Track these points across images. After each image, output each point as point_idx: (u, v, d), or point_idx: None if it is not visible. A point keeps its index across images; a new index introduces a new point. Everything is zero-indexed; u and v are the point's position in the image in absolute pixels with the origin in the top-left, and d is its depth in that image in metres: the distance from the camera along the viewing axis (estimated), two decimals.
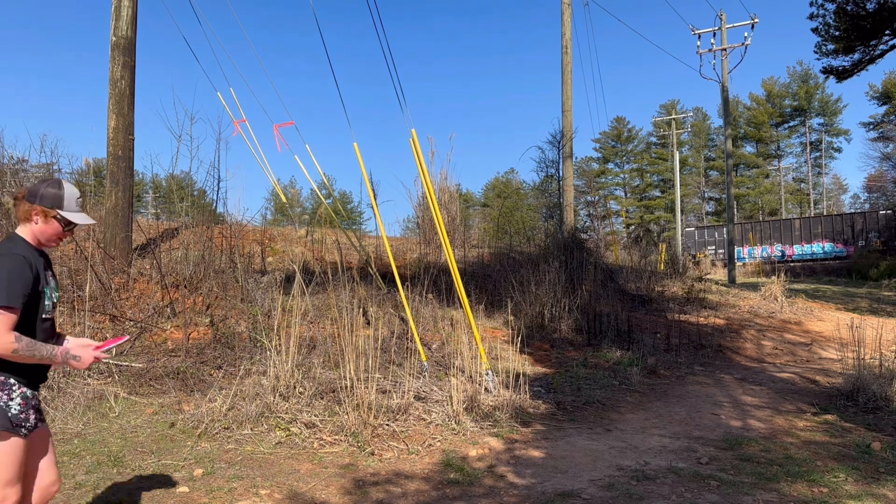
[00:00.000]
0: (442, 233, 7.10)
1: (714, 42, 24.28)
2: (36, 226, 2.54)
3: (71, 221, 2.57)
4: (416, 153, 6.79)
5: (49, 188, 2.54)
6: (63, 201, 2.55)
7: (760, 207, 61.08)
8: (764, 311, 13.64)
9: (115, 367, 6.45)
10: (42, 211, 2.52)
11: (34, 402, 2.54)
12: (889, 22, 18.27)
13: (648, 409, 6.60)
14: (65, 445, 4.80)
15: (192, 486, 4.13)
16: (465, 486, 4.27)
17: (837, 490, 4.13)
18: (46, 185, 2.56)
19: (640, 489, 4.16)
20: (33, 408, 2.53)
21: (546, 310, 10.06)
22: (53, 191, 2.54)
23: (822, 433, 5.56)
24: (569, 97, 15.67)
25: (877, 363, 7.29)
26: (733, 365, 9.40)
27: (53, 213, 2.53)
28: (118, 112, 9.14)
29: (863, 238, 31.75)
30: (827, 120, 60.58)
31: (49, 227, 2.54)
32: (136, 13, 9.40)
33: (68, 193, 2.56)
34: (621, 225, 67.11)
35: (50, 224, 2.54)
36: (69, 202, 2.57)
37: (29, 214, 2.53)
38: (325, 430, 5.16)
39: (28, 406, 2.50)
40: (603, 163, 69.86)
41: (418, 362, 6.69)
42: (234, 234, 9.84)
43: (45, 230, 2.55)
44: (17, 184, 9.94)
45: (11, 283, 2.35)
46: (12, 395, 2.45)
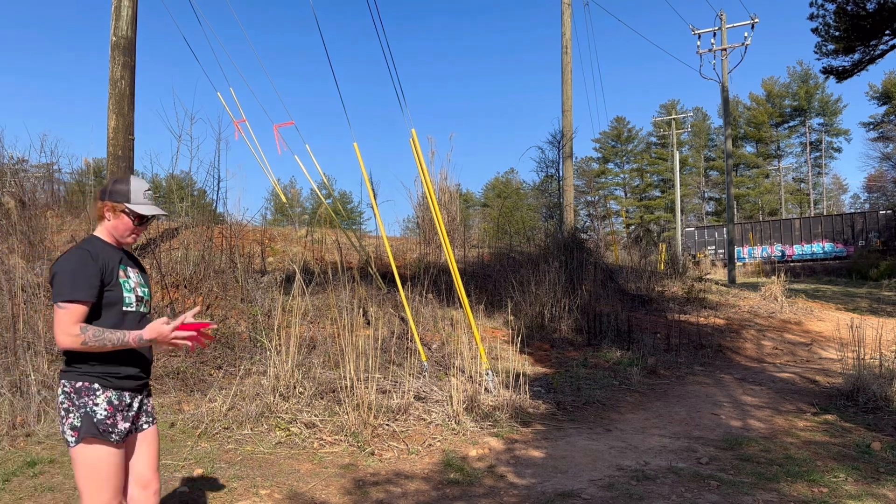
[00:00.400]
0: (442, 233, 7.10)
1: (714, 42, 24.29)
2: (108, 222, 2.56)
3: (140, 214, 2.57)
4: (416, 153, 6.79)
5: (117, 184, 2.57)
6: (130, 195, 2.55)
7: (760, 207, 61.08)
8: (764, 311, 13.64)
9: None
10: (111, 206, 2.55)
11: (124, 406, 2.48)
12: (889, 22, 18.27)
13: (648, 409, 6.60)
14: (65, 445, 4.80)
15: (192, 486, 4.13)
16: (465, 486, 4.27)
17: (837, 490, 4.12)
18: (115, 181, 2.59)
19: (640, 489, 4.16)
20: (123, 411, 2.48)
21: (546, 310, 10.06)
22: (121, 186, 2.56)
23: (822, 433, 5.56)
24: (569, 97, 15.67)
25: (877, 363, 7.29)
26: (733, 365, 9.40)
27: (121, 208, 2.54)
28: (118, 112, 9.14)
29: (863, 238, 31.75)
30: (827, 120, 60.59)
31: (120, 221, 2.55)
32: (136, 13, 9.41)
33: (135, 187, 2.57)
34: (621, 225, 67.11)
35: (120, 219, 2.55)
36: (136, 195, 2.56)
37: (101, 212, 2.57)
38: (325, 430, 5.16)
39: (116, 410, 2.45)
40: (603, 163, 69.86)
41: (418, 362, 6.69)
42: (234, 234, 9.84)
43: (116, 225, 2.56)
44: (17, 184, 9.94)
45: (75, 276, 2.35)
46: (97, 400, 2.42)
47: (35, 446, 4.77)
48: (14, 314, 5.91)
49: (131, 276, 2.60)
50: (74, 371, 2.43)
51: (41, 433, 4.99)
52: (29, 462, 4.41)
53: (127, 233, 2.58)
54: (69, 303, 2.32)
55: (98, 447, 2.40)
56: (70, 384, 2.43)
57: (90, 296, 2.37)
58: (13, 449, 4.70)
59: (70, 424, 2.41)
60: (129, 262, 2.66)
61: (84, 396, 2.42)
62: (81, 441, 2.40)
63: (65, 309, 2.32)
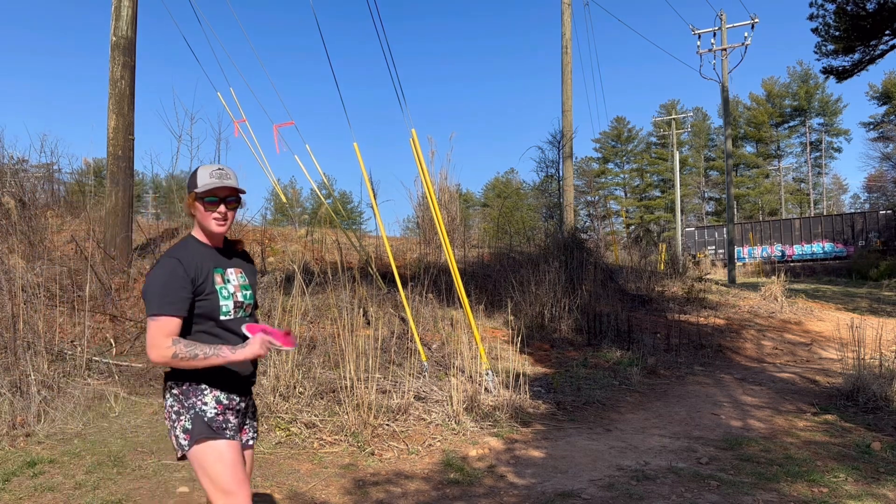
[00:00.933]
0: (442, 233, 7.10)
1: (714, 42, 24.29)
2: (196, 217, 2.40)
3: (205, 193, 2.33)
4: (416, 153, 6.79)
5: (191, 175, 2.39)
6: (198, 180, 2.34)
7: (760, 207, 61.08)
8: (764, 311, 13.64)
9: (115, 367, 6.45)
10: (190, 200, 2.38)
11: (232, 407, 2.38)
12: (889, 22, 18.27)
13: (648, 409, 6.60)
14: (65, 445, 4.80)
15: (192, 486, 4.13)
16: (465, 486, 4.27)
17: (837, 490, 4.13)
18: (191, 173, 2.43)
19: (640, 489, 4.16)
20: (233, 409, 2.38)
21: (546, 310, 10.06)
22: (192, 176, 2.38)
23: (822, 433, 5.56)
24: (569, 97, 15.67)
25: (877, 363, 7.29)
26: (733, 365, 9.40)
27: (193, 196, 2.36)
28: (118, 112, 9.14)
29: (863, 238, 31.74)
30: (827, 120, 60.58)
31: (198, 212, 2.37)
32: (136, 13, 9.40)
33: (202, 171, 2.36)
34: (621, 225, 67.11)
35: (197, 209, 2.36)
36: (203, 178, 2.34)
37: (188, 210, 2.42)
38: (325, 430, 5.16)
39: (225, 409, 2.35)
40: (603, 163, 69.86)
41: (418, 362, 6.69)
42: (233, 234, 9.84)
43: (200, 218, 2.38)
44: (17, 184, 9.94)
45: (165, 289, 2.23)
46: (205, 399, 2.32)
47: (35, 446, 4.77)
48: (14, 314, 5.91)
49: (231, 279, 2.41)
50: (180, 372, 2.33)
51: (41, 433, 4.99)
52: (29, 462, 4.41)
53: (209, 221, 2.36)
54: (158, 316, 2.21)
55: (215, 444, 2.29)
56: (177, 386, 2.34)
57: (180, 310, 2.25)
58: (13, 449, 4.70)
59: (182, 427, 2.30)
60: (230, 262, 2.47)
61: (192, 396, 2.32)
62: (195, 443, 2.28)
63: (155, 321, 2.21)
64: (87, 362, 6.33)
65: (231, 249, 2.53)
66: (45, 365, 5.80)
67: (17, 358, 5.57)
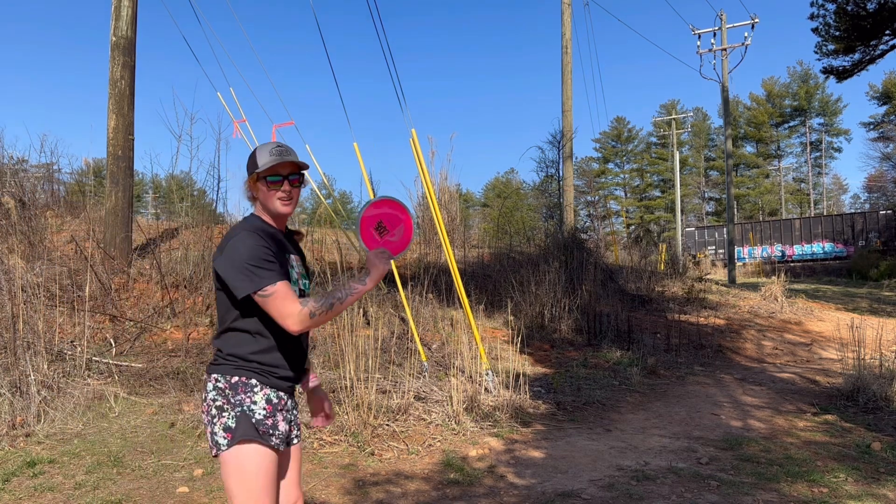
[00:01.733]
0: (442, 233, 7.10)
1: (714, 42, 24.28)
2: (259, 199, 2.21)
3: (267, 171, 2.15)
4: (416, 153, 6.79)
5: (248, 158, 2.22)
6: (258, 159, 2.16)
7: (760, 207, 61.07)
8: (764, 312, 13.64)
9: (114, 367, 6.45)
10: (251, 182, 2.21)
11: (281, 407, 2.14)
12: (889, 22, 18.27)
13: (648, 409, 6.60)
14: (65, 445, 4.80)
15: (192, 487, 4.12)
16: (465, 486, 4.27)
17: (837, 490, 4.12)
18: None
19: (640, 489, 4.16)
20: (283, 411, 2.14)
21: (546, 310, 10.06)
22: (251, 158, 2.20)
23: (823, 433, 5.56)
24: (569, 97, 15.67)
25: (877, 363, 7.29)
26: (733, 365, 9.40)
27: (255, 177, 2.18)
28: (118, 112, 9.14)
29: (863, 238, 31.74)
30: (827, 120, 60.58)
31: (262, 193, 2.18)
32: (136, 13, 9.40)
33: (261, 150, 2.18)
34: (621, 225, 67.12)
35: (260, 190, 2.18)
36: (263, 157, 2.15)
37: (251, 193, 2.23)
38: (325, 430, 5.15)
39: (275, 410, 2.10)
40: (603, 163, 69.86)
41: (418, 362, 6.69)
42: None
43: (263, 199, 2.18)
44: (17, 184, 9.94)
45: (258, 259, 2.01)
46: (255, 398, 2.07)
47: (35, 446, 4.77)
48: (14, 314, 5.90)
49: (294, 265, 2.23)
50: (229, 364, 2.09)
51: (41, 433, 4.99)
52: (29, 462, 4.41)
53: (273, 201, 2.17)
54: (269, 287, 1.99)
55: (256, 450, 2.04)
56: (224, 379, 2.07)
57: (284, 273, 2.06)
58: (13, 449, 4.70)
59: (223, 425, 2.03)
60: (292, 248, 2.30)
61: (241, 393, 2.06)
62: (237, 443, 2.02)
63: (271, 295, 1.98)
64: (87, 362, 6.33)
65: (290, 238, 2.36)
66: (45, 365, 5.80)
67: (17, 358, 5.57)
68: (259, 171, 2.16)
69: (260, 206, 2.22)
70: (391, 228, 2.26)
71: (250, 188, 2.21)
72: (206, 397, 2.11)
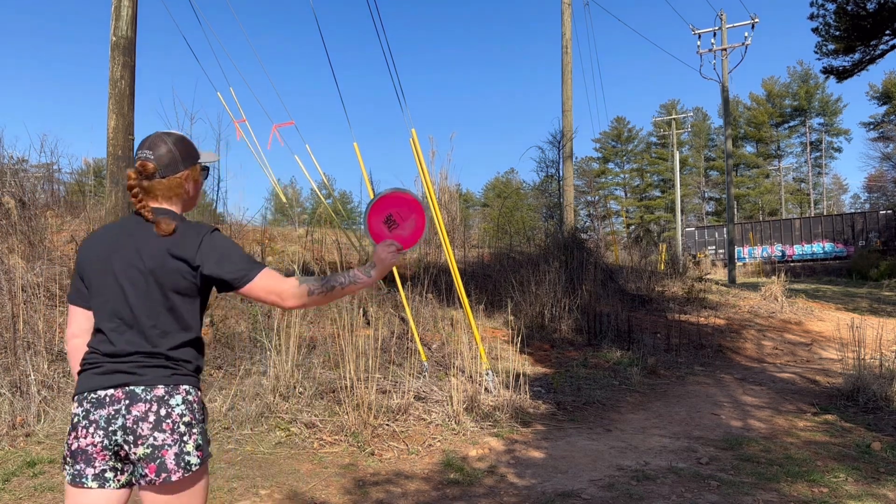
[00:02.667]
0: (442, 233, 7.10)
1: (714, 42, 24.27)
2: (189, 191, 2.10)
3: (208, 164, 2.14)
4: (416, 153, 6.79)
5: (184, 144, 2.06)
6: (199, 151, 2.11)
7: (760, 207, 61.07)
8: (764, 311, 13.64)
9: None
10: (195, 173, 2.09)
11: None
12: (889, 22, 18.27)
13: (648, 409, 6.60)
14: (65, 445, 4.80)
15: None
16: (465, 486, 4.27)
17: (838, 490, 4.12)
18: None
19: (640, 489, 4.16)
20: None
21: (546, 310, 10.06)
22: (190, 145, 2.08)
23: (823, 433, 5.56)
24: (569, 97, 15.67)
25: (877, 363, 7.28)
26: (733, 365, 9.40)
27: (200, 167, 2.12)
28: (118, 112, 9.14)
29: (863, 238, 31.74)
30: (827, 120, 60.57)
31: (196, 186, 2.11)
32: (136, 13, 9.40)
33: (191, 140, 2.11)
34: (621, 225, 67.10)
35: (198, 182, 2.12)
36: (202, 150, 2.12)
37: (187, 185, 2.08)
38: (325, 430, 5.16)
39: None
40: (603, 163, 69.85)
41: (418, 362, 6.69)
42: (234, 234, 9.84)
43: (195, 192, 2.12)
44: (17, 184, 9.94)
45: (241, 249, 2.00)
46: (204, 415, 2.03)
47: (35, 446, 4.77)
48: (14, 314, 5.91)
49: None
50: (194, 377, 1.95)
51: (41, 433, 4.99)
52: (29, 462, 4.41)
53: (199, 194, 2.15)
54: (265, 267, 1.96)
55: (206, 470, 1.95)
56: (194, 393, 1.92)
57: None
58: (13, 449, 4.70)
59: (195, 443, 1.87)
60: None
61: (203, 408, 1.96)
62: (203, 463, 1.90)
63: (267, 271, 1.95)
64: None
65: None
66: (45, 365, 5.80)
67: (18, 358, 5.57)
68: (204, 162, 2.10)
69: (183, 202, 2.06)
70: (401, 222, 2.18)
71: (187, 179, 2.04)
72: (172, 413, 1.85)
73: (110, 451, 1.88)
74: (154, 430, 1.82)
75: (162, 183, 1.99)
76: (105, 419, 1.85)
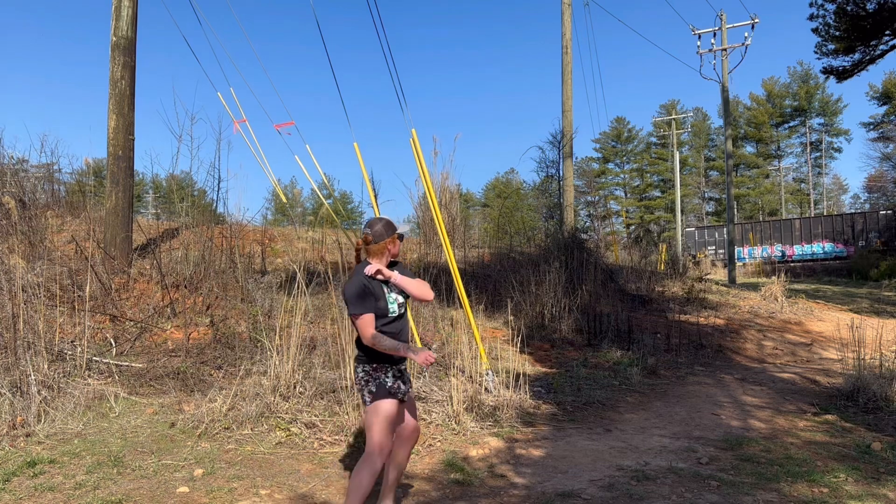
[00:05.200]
0: (442, 233, 7.10)
1: (714, 42, 24.27)
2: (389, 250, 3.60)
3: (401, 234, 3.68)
4: (417, 153, 6.79)
5: (388, 226, 3.58)
6: (396, 225, 3.61)
7: (760, 207, 61.07)
8: (764, 312, 13.64)
9: (115, 367, 6.45)
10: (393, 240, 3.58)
11: (400, 377, 3.47)
12: (889, 22, 18.27)
13: (649, 409, 6.60)
14: (65, 445, 4.80)
15: (192, 486, 4.12)
16: (466, 486, 4.27)
17: (838, 490, 4.12)
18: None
19: (640, 489, 4.16)
20: (400, 379, 3.46)
21: (546, 310, 10.05)
22: (390, 225, 3.60)
23: (823, 433, 5.56)
24: (569, 97, 15.67)
25: (877, 363, 7.28)
26: (734, 365, 9.40)
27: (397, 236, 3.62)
28: (118, 112, 9.14)
29: (863, 238, 31.73)
30: (827, 120, 60.57)
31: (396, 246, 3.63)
32: (136, 13, 9.40)
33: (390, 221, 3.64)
34: (621, 225, 67.08)
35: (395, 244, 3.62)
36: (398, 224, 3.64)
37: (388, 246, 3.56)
38: (326, 430, 5.15)
39: (396, 379, 3.43)
40: (603, 163, 69.85)
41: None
42: (234, 235, 9.84)
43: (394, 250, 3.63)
44: (17, 184, 9.93)
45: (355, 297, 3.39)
46: (387, 374, 3.41)
47: (35, 446, 4.77)
48: (14, 314, 5.91)
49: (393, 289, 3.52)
50: (370, 358, 3.43)
51: (41, 433, 4.99)
52: (29, 462, 4.41)
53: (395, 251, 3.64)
54: (358, 315, 3.35)
55: (388, 403, 3.38)
56: (370, 365, 3.42)
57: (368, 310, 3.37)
58: (13, 449, 4.70)
59: (369, 390, 3.39)
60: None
61: (379, 372, 3.41)
62: (377, 399, 3.36)
63: (360, 318, 3.35)
64: (87, 362, 6.33)
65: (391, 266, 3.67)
66: (45, 365, 5.80)
67: (18, 358, 5.57)
68: (398, 233, 3.62)
69: (387, 258, 3.57)
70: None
71: (392, 243, 3.56)
72: (356, 375, 3.54)
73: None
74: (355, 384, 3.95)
75: (374, 247, 3.53)
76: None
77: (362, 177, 10.95)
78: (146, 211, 25.69)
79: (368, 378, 3.44)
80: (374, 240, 3.49)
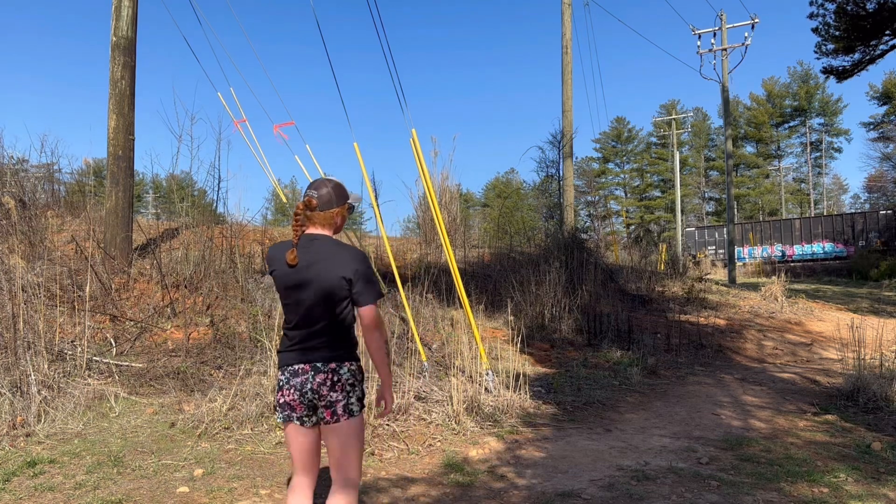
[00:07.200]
0: (442, 233, 7.10)
1: (714, 42, 24.26)
2: (338, 223, 2.80)
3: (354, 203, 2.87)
4: (417, 153, 6.79)
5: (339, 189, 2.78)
6: (348, 193, 2.82)
7: (761, 207, 61.06)
8: (764, 312, 13.64)
9: (115, 367, 6.45)
10: (344, 210, 2.80)
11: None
12: (889, 22, 18.27)
13: (649, 409, 6.60)
14: (65, 445, 4.80)
15: (192, 486, 4.12)
16: (466, 486, 4.27)
17: (838, 490, 4.12)
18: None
19: (641, 489, 4.16)
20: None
21: (546, 310, 10.05)
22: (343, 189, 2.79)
23: (823, 433, 5.56)
24: (569, 97, 15.67)
25: (877, 363, 7.28)
26: (734, 365, 9.40)
27: (348, 206, 2.81)
28: (118, 112, 9.14)
29: (863, 238, 31.73)
30: (827, 120, 60.56)
31: (343, 219, 2.83)
32: (136, 13, 9.40)
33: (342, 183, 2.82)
34: (621, 225, 67.07)
35: (344, 217, 2.82)
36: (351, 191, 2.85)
37: (339, 218, 2.79)
38: None
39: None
40: (603, 163, 69.84)
41: (418, 362, 6.68)
42: (234, 235, 9.84)
43: (341, 223, 2.83)
44: (17, 184, 9.93)
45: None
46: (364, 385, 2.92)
47: (35, 446, 4.77)
48: (14, 314, 5.90)
49: None
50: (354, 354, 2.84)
51: (41, 433, 4.99)
52: (29, 462, 4.41)
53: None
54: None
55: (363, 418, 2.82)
56: (356, 364, 2.80)
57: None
58: (13, 449, 4.70)
59: (357, 396, 2.73)
60: None
61: (361, 374, 2.82)
62: (362, 410, 2.75)
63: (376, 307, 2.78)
64: (87, 362, 6.33)
65: None
66: (45, 365, 5.80)
67: (18, 358, 5.57)
68: (352, 202, 2.80)
69: (333, 230, 2.76)
70: None
71: (338, 214, 2.75)
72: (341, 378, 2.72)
73: None
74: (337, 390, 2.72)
75: (320, 215, 2.70)
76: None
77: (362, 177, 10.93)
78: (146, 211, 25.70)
79: (355, 381, 2.72)
80: (319, 206, 2.67)
